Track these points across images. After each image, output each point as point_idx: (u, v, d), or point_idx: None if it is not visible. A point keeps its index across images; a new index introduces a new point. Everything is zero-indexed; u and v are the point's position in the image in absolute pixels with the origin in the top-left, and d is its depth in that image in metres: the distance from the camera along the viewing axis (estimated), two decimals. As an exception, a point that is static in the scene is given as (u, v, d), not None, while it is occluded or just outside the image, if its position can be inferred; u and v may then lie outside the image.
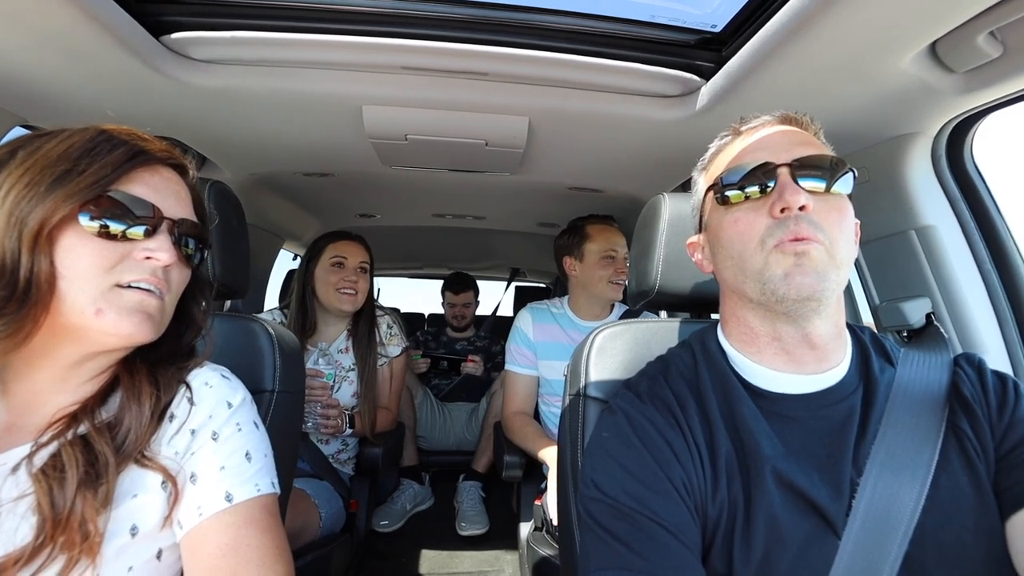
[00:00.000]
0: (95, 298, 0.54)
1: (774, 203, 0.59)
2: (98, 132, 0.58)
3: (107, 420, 0.58)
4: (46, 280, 0.52)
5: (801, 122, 0.67)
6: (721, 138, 0.72)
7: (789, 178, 0.59)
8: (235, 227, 0.95)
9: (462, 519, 2.17)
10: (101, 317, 0.54)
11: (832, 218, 0.59)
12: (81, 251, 0.54)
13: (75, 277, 0.53)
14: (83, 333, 0.55)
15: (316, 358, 1.62)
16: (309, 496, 1.38)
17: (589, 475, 0.62)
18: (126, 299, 0.56)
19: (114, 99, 1.03)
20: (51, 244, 0.53)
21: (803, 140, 0.64)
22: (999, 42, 0.76)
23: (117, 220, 0.55)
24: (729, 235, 0.63)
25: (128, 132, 0.60)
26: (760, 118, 0.69)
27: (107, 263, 0.55)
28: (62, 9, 0.75)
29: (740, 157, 0.65)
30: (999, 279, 1.02)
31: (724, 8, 0.87)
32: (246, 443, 0.63)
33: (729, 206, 0.64)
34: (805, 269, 0.57)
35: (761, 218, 0.60)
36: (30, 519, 0.50)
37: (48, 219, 0.52)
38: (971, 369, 0.63)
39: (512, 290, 3.57)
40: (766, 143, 0.64)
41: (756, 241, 0.60)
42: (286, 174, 1.64)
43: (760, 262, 0.59)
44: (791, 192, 0.58)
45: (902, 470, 0.56)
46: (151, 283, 0.57)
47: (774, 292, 0.58)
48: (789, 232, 0.57)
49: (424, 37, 0.92)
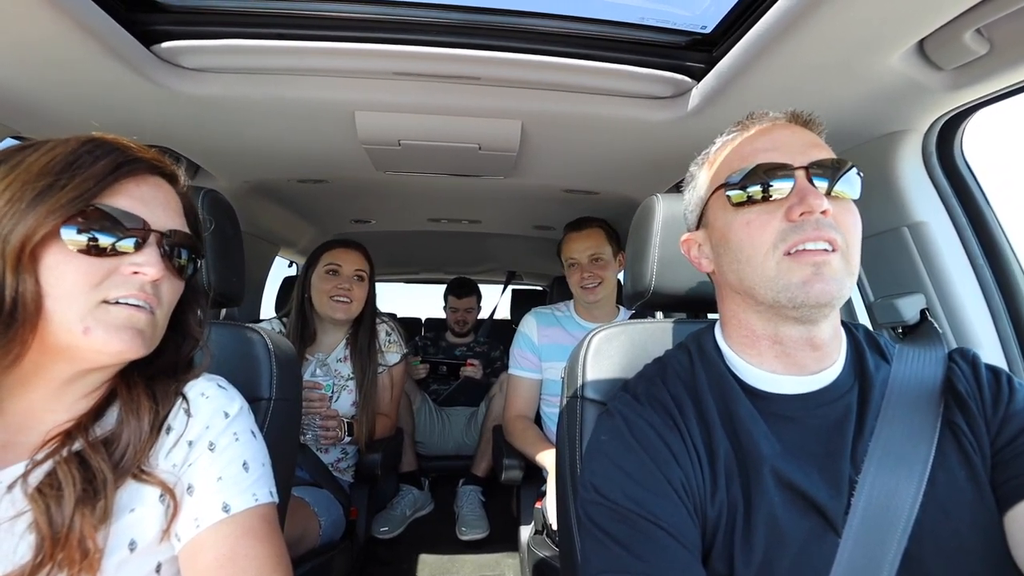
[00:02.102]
0: (82, 316, 0.52)
1: (793, 206, 0.57)
2: (81, 143, 0.56)
3: (103, 436, 0.57)
4: (32, 300, 0.50)
5: (810, 122, 0.66)
6: (728, 133, 0.70)
7: (807, 181, 0.58)
8: (229, 235, 0.95)
9: (462, 523, 2.17)
10: (89, 335, 0.52)
11: (848, 222, 0.59)
12: (65, 268, 0.52)
13: (61, 296, 0.52)
14: (73, 351, 0.54)
15: (314, 369, 1.61)
16: (308, 504, 1.37)
17: (588, 478, 0.62)
18: (114, 316, 0.54)
19: (105, 109, 1.03)
20: (35, 262, 0.51)
21: (815, 142, 0.63)
22: (986, 39, 0.77)
23: (101, 235, 0.53)
24: (739, 237, 0.61)
25: (114, 141, 0.58)
26: (769, 115, 0.67)
27: (93, 280, 0.53)
28: (52, 20, 0.75)
29: (752, 156, 0.62)
30: (992, 274, 1.02)
31: (713, 9, 0.88)
32: (243, 453, 0.63)
33: (739, 207, 0.61)
34: (824, 276, 0.56)
35: (775, 221, 0.58)
36: (28, 538, 0.50)
37: (30, 237, 0.50)
38: (965, 364, 0.63)
39: (509, 293, 3.57)
40: (778, 142, 0.62)
41: (769, 244, 0.58)
42: (280, 181, 1.64)
43: (773, 267, 0.58)
44: (814, 196, 0.56)
45: (899, 467, 0.56)
46: (140, 298, 0.56)
47: (792, 299, 0.57)
48: (807, 235, 0.56)
49: (416, 42, 0.92)
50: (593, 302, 1.70)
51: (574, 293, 1.77)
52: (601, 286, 1.68)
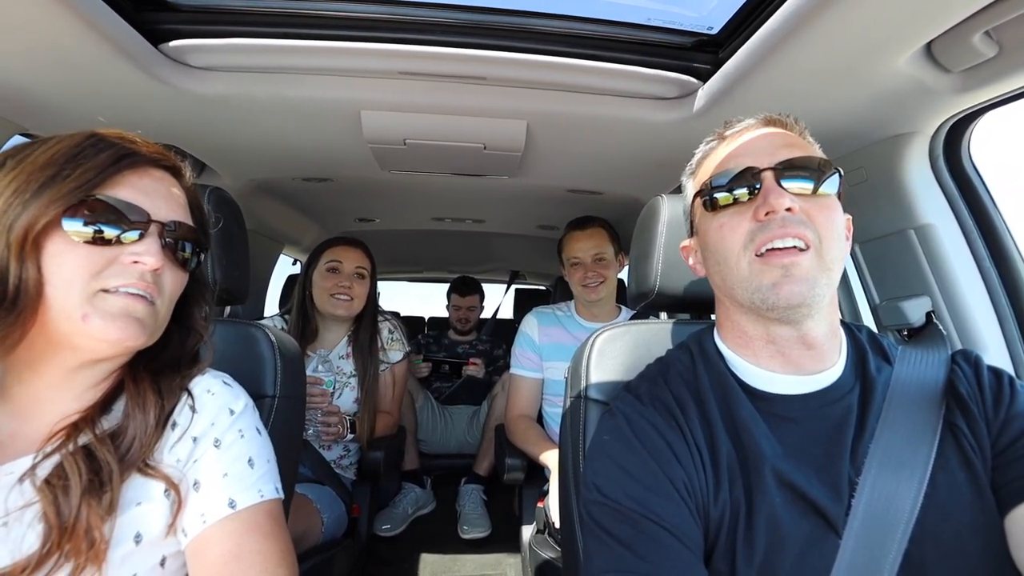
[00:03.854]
0: (81, 303, 0.53)
1: (759, 207, 0.59)
2: (85, 137, 0.57)
3: (110, 429, 0.58)
4: (34, 286, 0.51)
5: (785, 123, 0.67)
6: (707, 143, 0.73)
7: (773, 181, 0.60)
8: (235, 233, 0.95)
9: (464, 522, 2.17)
10: (87, 322, 0.53)
11: (821, 217, 0.59)
12: (67, 257, 0.53)
13: (61, 283, 0.53)
14: (74, 340, 0.55)
15: (316, 365, 1.61)
16: (311, 501, 1.38)
17: (590, 478, 0.62)
18: (111, 304, 0.55)
19: (113, 106, 1.04)
20: (38, 250, 0.52)
21: (787, 142, 0.64)
22: (994, 42, 0.77)
23: (102, 224, 0.54)
24: (715, 240, 0.64)
25: (117, 135, 0.59)
26: (744, 122, 0.69)
27: (93, 268, 0.54)
28: (61, 18, 0.75)
29: (725, 162, 0.65)
30: (998, 277, 1.02)
31: (720, 11, 0.87)
32: (248, 449, 0.63)
33: (715, 211, 0.64)
34: (794, 278, 0.57)
35: (745, 222, 0.61)
36: (36, 527, 0.51)
37: (33, 225, 0.51)
38: (967, 366, 0.63)
39: (512, 292, 3.57)
40: (750, 147, 0.65)
41: (740, 245, 0.60)
42: (285, 180, 1.65)
43: (745, 269, 0.60)
44: (775, 195, 0.58)
45: (900, 468, 0.56)
46: (139, 287, 0.56)
47: (764, 300, 0.59)
48: (773, 234, 0.58)
49: (422, 42, 0.92)
50: (594, 301, 1.71)
51: (575, 292, 1.77)
52: (603, 285, 1.68)
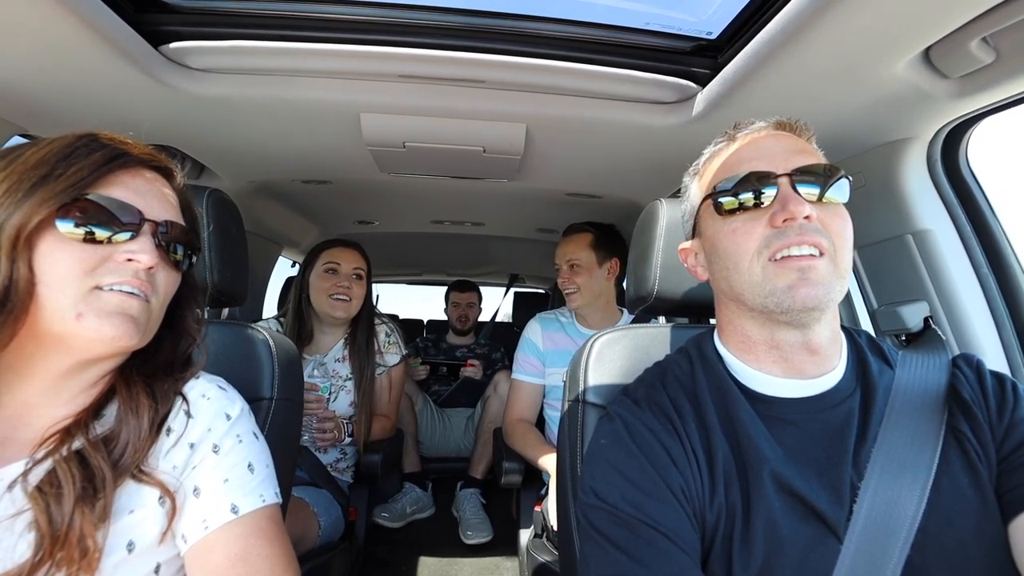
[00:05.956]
0: (75, 302, 0.53)
1: (776, 213, 0.59)
2: (77, 138, 0.57)
3: (103, 434, 0.57)
4: (25, 286, 0.51)
5: (796, 128, 0.67)
6: (715, 144, 0.72)
7: (790, 188, 0.59)
8: (233, 235, 0.95)
9: (467, 527, 2.16)
10: (81, 321, 0.53)
11: (835, 226, 0.59)
12: (59, 255, 0.53)
13: (53, 282, 0.52)
14: (67, 340, 0.54)
15: (311, 370, 1.61)
16: (308, 504, 1.37)
17: (588, 482, 0.62)
18: (106, 301, 0.54)
19: (112, 108, 1.04)
20: (30, 250, 0.52)
21: (800, 148, 0.64)
22: (992, 48, 0.77)
23: (95, 223, 0.54)
24: (726, 245, 0.63)
25: (109, 136, 0.59)
26: (755, 124, 0.68)
27: (86, 267, 0.54)
28: (61, 20, 0.75)
29: (737, 165, 0.64)
30: (996, 282, 1.02)
31: (719, 15, 0.88)
32: (247, 454, 0.63)
33: (726, 215, 0.63)
34: (810, 281, 0.57)
35: (759, 228, 0.60)
36: (28, 536, 0.50)
37: (25, 224, 0.51)
38: (969, 370, 0.63)
39: (511, 296, 3.57)
40: (763, 151, 0.64)
41: (754, 251, 0.60)
42: (284, 182, 1.65)
43: (758, 273, 0.59)
44: (795, 203, 0.58)
45: (903, 473, 0.56)
46: (133, 285, 0.56)
47: (779, 303, 0.58)
48: (790, 240, 0.57)
49: (421, 45, 0.92)
50: (574, 308, 1.72)
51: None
52: (578, 293, 1.67)
